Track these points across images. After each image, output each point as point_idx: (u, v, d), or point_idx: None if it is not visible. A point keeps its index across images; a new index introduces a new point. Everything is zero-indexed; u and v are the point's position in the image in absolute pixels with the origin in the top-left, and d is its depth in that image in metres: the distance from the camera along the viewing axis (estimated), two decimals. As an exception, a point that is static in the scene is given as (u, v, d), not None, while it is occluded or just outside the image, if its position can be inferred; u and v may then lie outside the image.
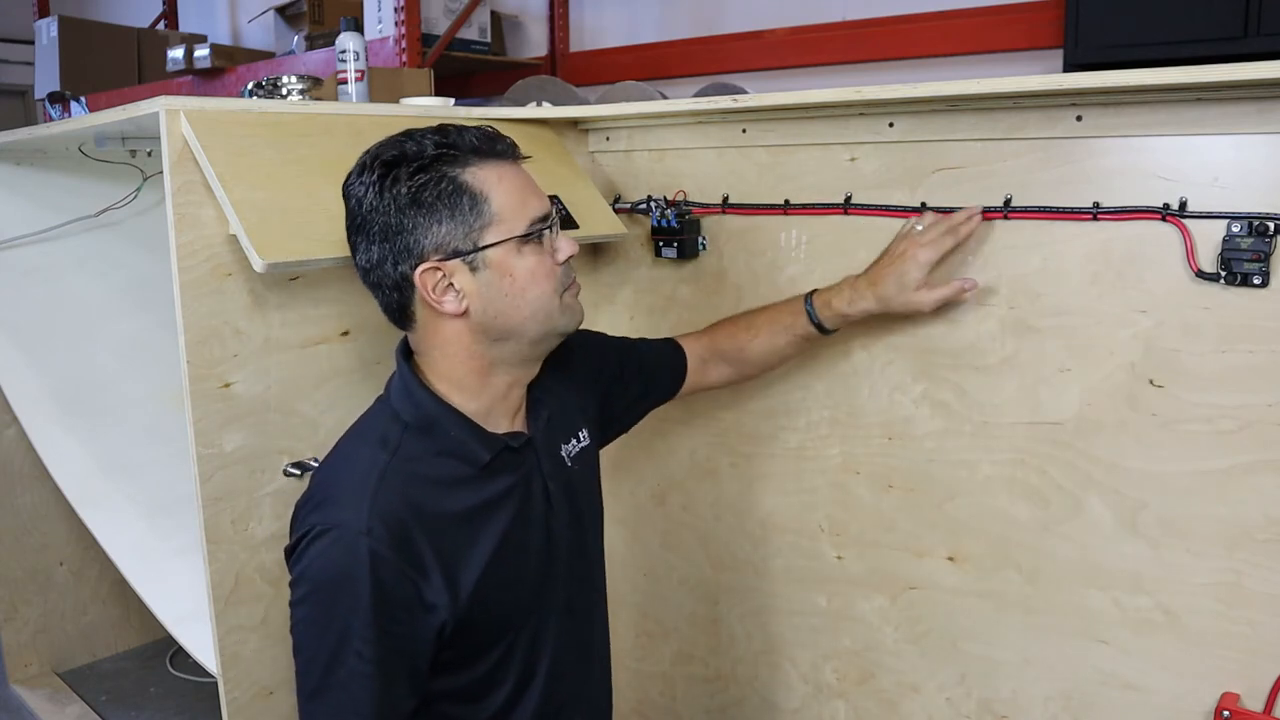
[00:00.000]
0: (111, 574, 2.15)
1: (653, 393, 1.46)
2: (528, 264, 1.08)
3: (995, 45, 2.88)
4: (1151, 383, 1.24)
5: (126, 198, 2.00)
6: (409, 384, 1.12)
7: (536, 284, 1.09)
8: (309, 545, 1.04)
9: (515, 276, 1.08)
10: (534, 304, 1.09)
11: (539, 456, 1.19)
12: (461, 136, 1.08)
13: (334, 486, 1.07)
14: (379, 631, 1.02)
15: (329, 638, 1.02)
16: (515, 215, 1.08)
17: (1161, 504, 1.25)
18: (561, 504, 1.20)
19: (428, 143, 1.06)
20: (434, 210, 1.05)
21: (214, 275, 1.25)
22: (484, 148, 1.08)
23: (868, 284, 1.35)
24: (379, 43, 3.29)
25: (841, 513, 1.55)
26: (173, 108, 1.21)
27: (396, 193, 1.05)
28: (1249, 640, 1.20)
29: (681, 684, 1.83)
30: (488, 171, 1.07)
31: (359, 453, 1.10)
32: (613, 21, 3.88)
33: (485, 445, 1.11)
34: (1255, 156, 1.13)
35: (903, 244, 1.35)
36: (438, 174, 1.05)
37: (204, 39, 4.42)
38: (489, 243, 1.06)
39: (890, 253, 1.36)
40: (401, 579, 1.03)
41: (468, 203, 1.05)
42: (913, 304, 1.33)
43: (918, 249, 1.31)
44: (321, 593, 1.03)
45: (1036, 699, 1.38)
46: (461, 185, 1.06)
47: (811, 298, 1.40)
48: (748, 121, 1.54)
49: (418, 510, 1.05)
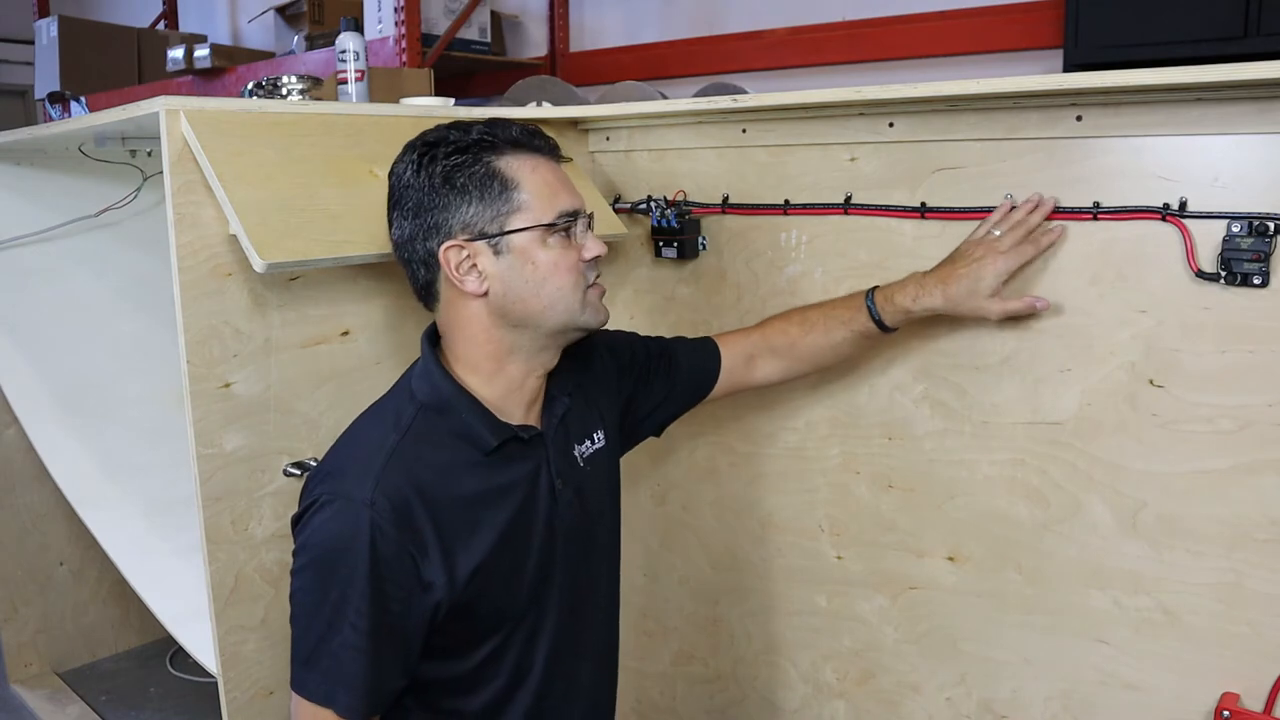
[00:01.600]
0: (111, 574, 2.15)
1: (677, 398, 1.43)
2: (551, 255, 1.11)
3: (995, 45, 2.88)
4: (1151, 383, 1.24)
5: (126, 198, 2.00)
6: (429, 367, 1.15)
7: (558, 275, 1.11)
8: (313, 515, 1.07)
9: (538, 265, 1.10)
10: (553, 294, 1.11)
11: (549, 452, 1.19)
12: (504, 128, 1.13)
13: (344, 460, 1.11)
14: (374, 604, 1.03)
15: (325, 606, 1.04)
16: (544, 205, 1.11)
17: (1161, 504, 1.25)
18: (569, 504, 1.20)
19: (472, 130, 1.12)
20: (465, 191, 1.09)
21: (214, 275, 1.25)
22: (523, 140, 1.13)
23: (938, 281, 1.30)
24: (379, 43, 3.29)
25: (841, 513, 1.55)
26: (173, 108, 1.21)
27: (432, 171, 1.10)
28: (1249, 640, 1.20)
29: (681, 684, 1.83)
30: (523, 162, 1.12)
31: (372, 429, 1.13)
32: (613, 21, 3.88)
33: (493, 431, 1.13)
34: (1255, 156, 1.13)
35: (980, 249, 1.29)
36: (473, 157, 1.10)
37: (204, 39, 4.42)
38: (515, 228, 1.10)
39: (965, 255, 1.30)
40: (400, 553, 1.05)
41: (498, 187, 1.09)
42: (981, 310, 1.29)
43: (998, 257, 1.27)
44: (321, 561, 1.05)
45: (1036, 699, 1.38)
46: (494, 170, 1.10)
47: (873, 294, 1.36)
48: (748, 121, 1.54)
49: (422, 489, 1.07)
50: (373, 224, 1.31)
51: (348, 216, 1.30)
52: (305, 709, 1.06)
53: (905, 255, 1.41)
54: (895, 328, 1.36)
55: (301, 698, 1.06)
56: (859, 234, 1.45)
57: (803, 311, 1.44)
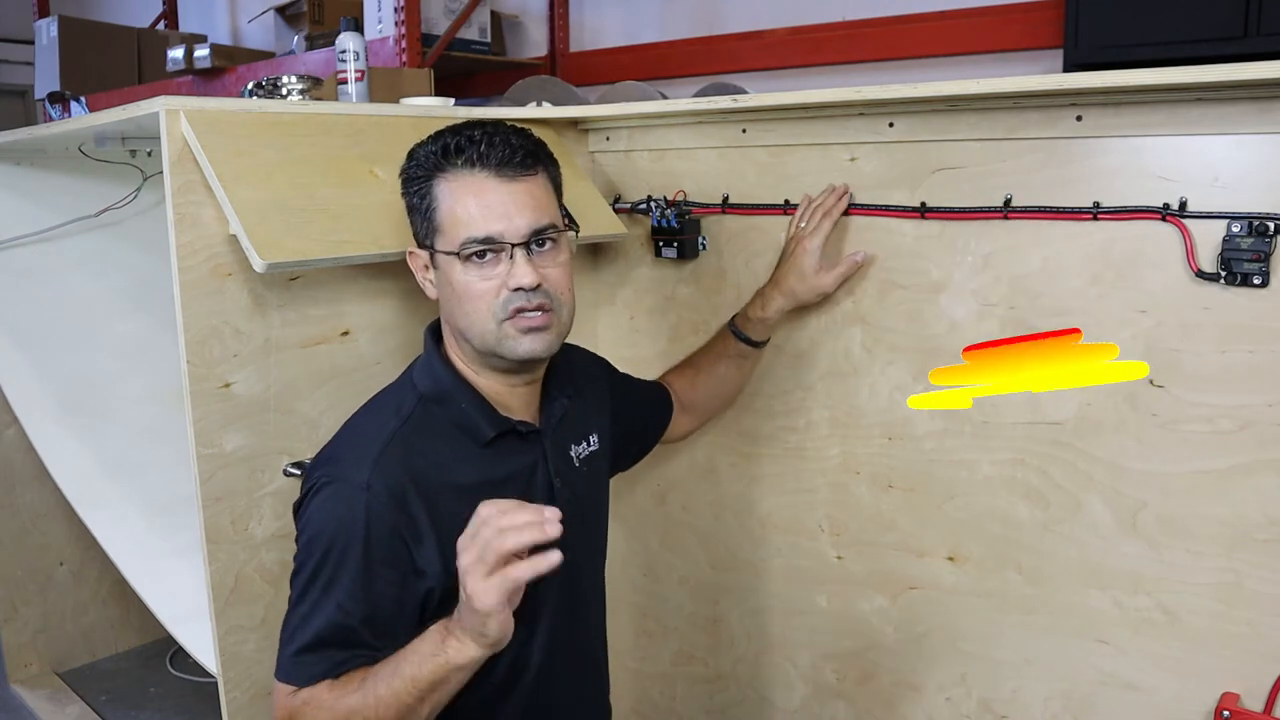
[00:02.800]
0: (111, 574, 2.15)
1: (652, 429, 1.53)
2: (466, 279, 1.11)
3: (995, 45, 2.88)
4: (1151, 383, 1.24)
5: (126, 198, 2.00)
6: (431, 358, 1.18)
7: (470, 301, 1.12)
8: (312, 498, 1.09)
9: (454, 286, 1.13)
10: (469, 318, 1.13)
11: (547, 449, 1.21)
12: (463, 144, 1.12)
13: (343, 446, 1.14)
14: (365, 586, 1.05)
15: (315, 586, 1.06)
16: (454, 232, 1.11)
17: (1161, 504, 1.25)
18: (567, 503, 1.20)
19: (437, 142, 1.14)
20: (412, 204, 1.17)
21: (214, 275, 1.25)
22: (475, 158, 1.11)
23: (773, 285, 1.46)
24: (379, 43, 3.28)
25: (841, 513, 1.55)
26: (173, 108, 1.21)
27: (404, 179, 1.17)
28: (1249, 640, 1.20)
29: (681, 684, 1.83)
30: (462, 184, 1.12)
31: (373, 418, 1.16)
32: (613, 21, 3.88)
33: (490, 422, 1.15)
34: (1255, 156, 1.13)
35: (792, 243, 1.45)
36: (424, 173, 1.14)
37: (204, 39, 4.42)
38: (436, 249, 1.15)
39: (785, 254, 1.47)
40: (394, 538, 1.07)
41: (426, 207, 1.14)
42: (817, 288, 1.43)
43: (804, 239, 1.42)
44: (315, 543, 1.07)
45: (1036, 699, 1.38)
46: (428, 190, 1.14)
47: (733, 320, 1.51)
48: (748, 121, 1.54)
49: (419, 476, 1.09)
50: (373, 224, 1.31)
51: (348, 216, 1.30)
52: (281, 689, 1.07)
53: (905, 255, 1.41)
54: (764, 339, 1.50)
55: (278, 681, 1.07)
56: (859, 234, 1.45)
57: (685, 361, 1.58)
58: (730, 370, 1.53)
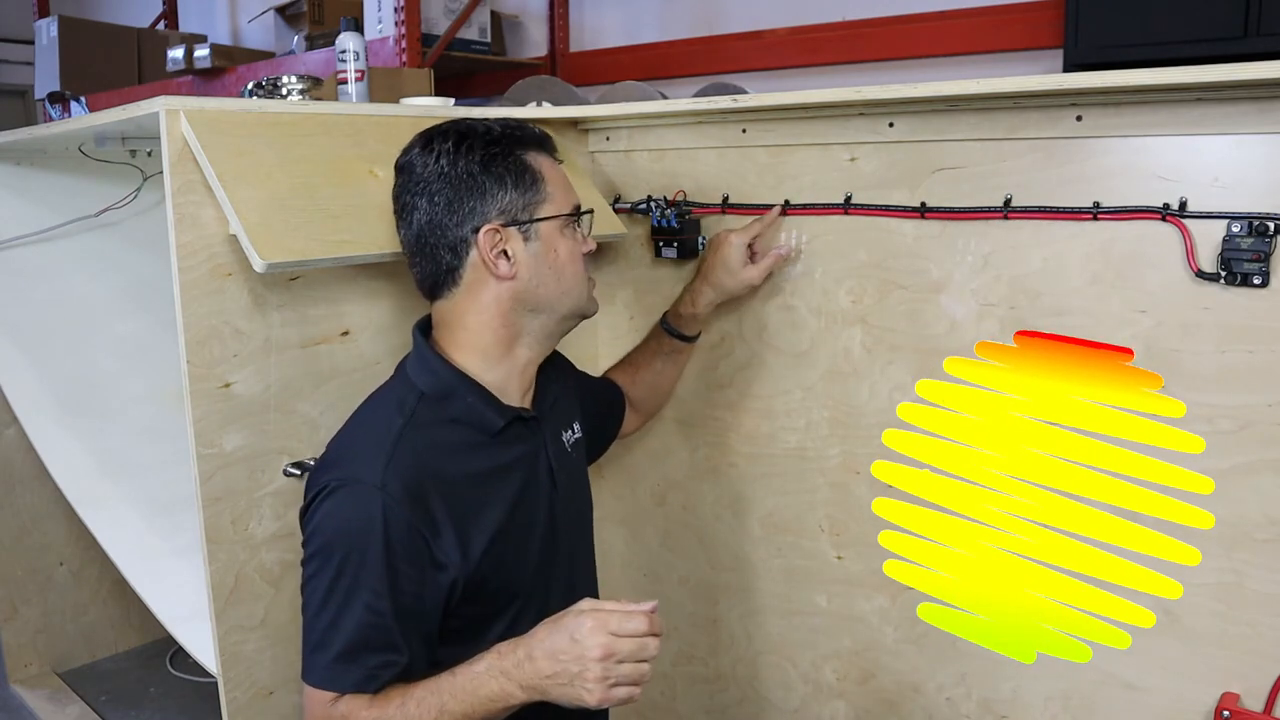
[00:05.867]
0: (111, 574, 2.15)
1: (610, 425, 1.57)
2: (568, 245, 1.21)
3: (995, 45, 2.88)
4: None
5: (126, 198, 2.00)
6: (425, 356, 1.19)
7: (573, 263, 1.21)
8: (322, 501, 1.08)
9: (559, 253, 1.20)
10: (569, 281, 1.21)
11: (545, 435, 1.26)
12: (524, 127, 1.21)
13: (350, 448, 1.14)
14: (389, 586, 1.05)
15: (337, 591, 1.05)
16: (564, 198, 1.22)
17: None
18: (564, 486, 1.27)
19: (495, 125, 1.19)
20: (501, 179, 1.16)
21: (214, 275, 1.25)
22: (538, 140, 1.22)
23: (701, 280, 1.51)
24: (379, 43, 3.29)
25: (841, 513, 1.55)
26: (173, 108, 1.21)
27: (470, 159, 1.16)
28: (1249, 640, 1.20)
29: (681, 684, 1.83)
30: (542, 160, 1.22)
31: (375, 418, 1.16)
32: (613, 21, 3.88)
33: (499, 413, 1.18)
34: (1255, 156, 1.13)
35: (716, 238, 1.50)
36: (505, 149, 1.17)
37: (204, 39, 4.42)
38: (542, 216, 1.18)
39: (711, 249, 1.51)
40: (413, 535, 1.07)
41: (529, 178, 1.18)
42: (744, 281, 1.48)
43: (730, 235, 1.48)
44: (332, 546, 1.06)
45: (1036, 699, 1.38)
46: (525, 163, 1.19)
47: (664, 317, 1.57)
48: (748, 121, 1.54)
49: (432, 471, 1.11)
50: (373, 224, 1.31)
51: (348, 216, 1.30)
52: (316, 697, 1.06)
53: (905, 255, 1.41)
54: (695, 334, 1.57)
55: (312, 686, 1.06)
56: (859, 234, 1.45)
57: (625, 363, 1.62)
58: (665, 366, 1.59)
